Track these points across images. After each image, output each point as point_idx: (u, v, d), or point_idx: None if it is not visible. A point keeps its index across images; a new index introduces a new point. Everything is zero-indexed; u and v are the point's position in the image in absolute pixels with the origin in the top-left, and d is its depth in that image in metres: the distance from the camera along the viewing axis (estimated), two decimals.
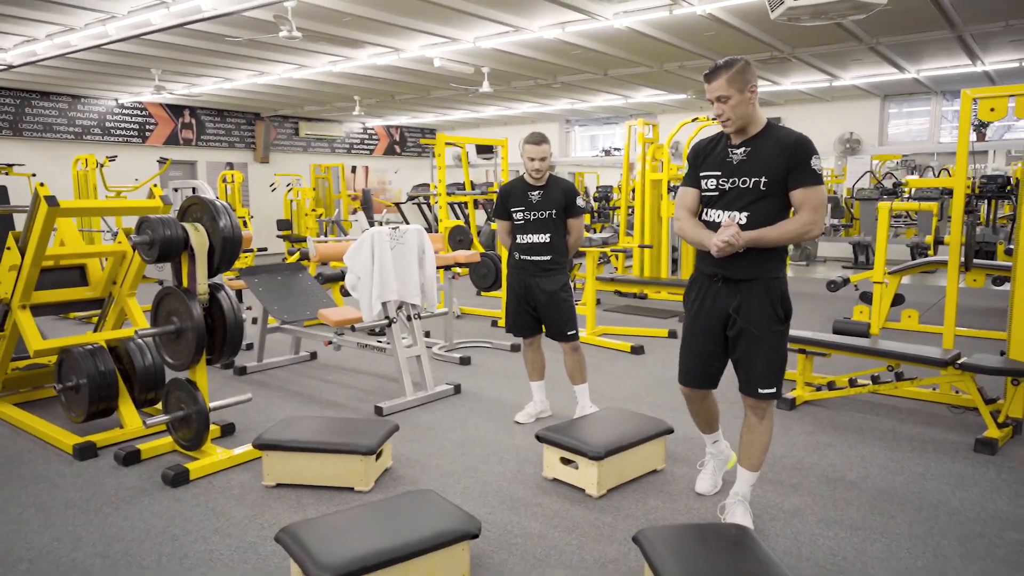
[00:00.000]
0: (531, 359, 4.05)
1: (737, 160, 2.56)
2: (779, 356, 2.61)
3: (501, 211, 3.92)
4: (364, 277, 4.24)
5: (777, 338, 2.59)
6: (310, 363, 5.47)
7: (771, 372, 2.59)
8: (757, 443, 2.70)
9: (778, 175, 2.50)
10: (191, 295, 3.28)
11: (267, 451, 3.15)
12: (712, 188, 2.62)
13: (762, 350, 2.57)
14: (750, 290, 2.56)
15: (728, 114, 2.51)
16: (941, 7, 6.70)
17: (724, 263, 2.57)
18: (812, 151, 2.51)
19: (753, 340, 2.57)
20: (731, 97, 2.48)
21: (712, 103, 2.54)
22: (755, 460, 2.72)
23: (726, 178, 2.58)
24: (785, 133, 2.55)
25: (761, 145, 2.54)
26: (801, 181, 2.48)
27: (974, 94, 4.16)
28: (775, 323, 2.57)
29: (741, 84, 2.47)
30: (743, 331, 2.59)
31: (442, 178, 8.10)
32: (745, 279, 2.56)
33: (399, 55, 8.68)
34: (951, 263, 4.33)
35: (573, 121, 16.61)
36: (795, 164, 2.48)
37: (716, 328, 2.66)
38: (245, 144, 14.63)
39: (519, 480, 3.25)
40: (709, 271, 2.64)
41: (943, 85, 11.72)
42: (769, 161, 2.51)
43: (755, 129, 2.56)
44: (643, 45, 8.26)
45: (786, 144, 2.50)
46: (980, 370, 3.68)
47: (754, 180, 2.52)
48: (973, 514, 2.86)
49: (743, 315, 2.57)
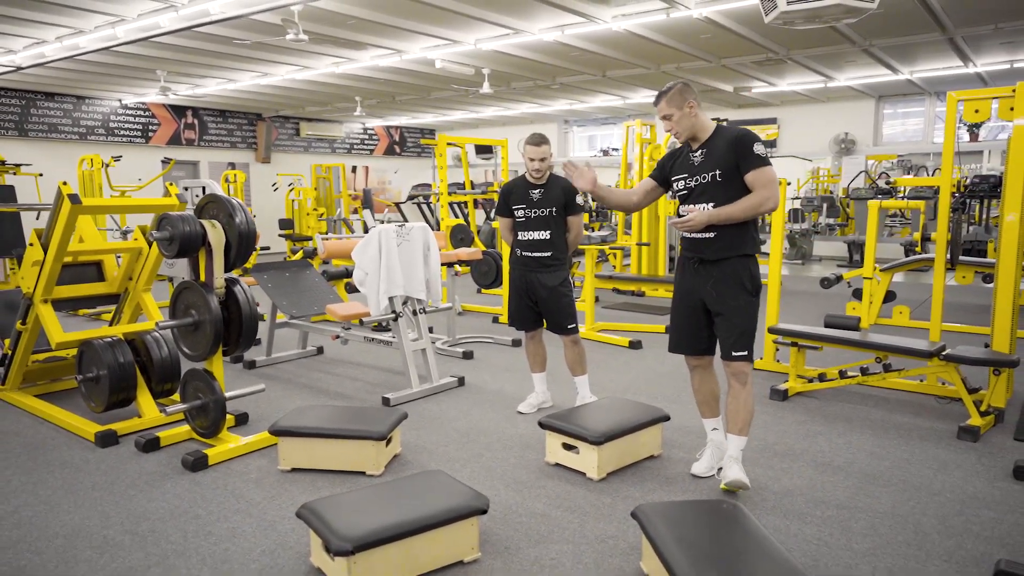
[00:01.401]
0: (532, 351, 4.20)
1: (697, 161, 3.03)
2: (749, 323, 3.00)
3: (503, 209, 4.07)
4: (372, 273, 4.40)
5: (748, 307, 2.99)
6: (317, 357, 5.63)
7: (743, 337, 2.98)
8: (742, 409, 3.03)
9: (730, 166, 2.92)
10: (209, 289, 3.43)
11: (283, 437, 3.30)
12: (682, 188, 3.08)
13: (734, 318, 2.98)
14: (722, 268, 2.98)
15: (675, 128, 3.03)
16: (931, 10, 6.86)
17: (700, 247, 3.01)
18: (753, 139, 2.93)
19: (725, 307, 2.99)
20: (673, 114, 2.99)
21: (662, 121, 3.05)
22: (742, 425, 3.04)
23: (690, 177, 3.04)
24: (729, 131, 3.01)
25: (713, 145, 2.99)
26: (749, 165, 2.89)
27: (959, 96, 4.33)
28: (744, 295, 2.98)
29: (679, 102, 2.98)
30: (718, 303, 3.00)
31: (443, 178, 8.26)
32: (718, 259, 2.98)
33: (401, 56, 8.83)
34: (937, 260, 4.49)
35: (571, 121, 16.77)
36: (741, 153, 2.90)
37: (697, 303, 3.08)
38: (247, 144, 14.78)
39: (522, 465, 3.40)
40: (689, 254, 3.09)
41: (936, 86, 11.90)
42: (720, 156, 2.94)
43: (706, 134, 3.03)
44: (641, 47, 8.43)
45: (731, 139, 2.95)
46: (964, 361, 3.84)
47: (711, 174, 2.96)
48: (953, 495, 3.02)
49: (717, 289, 2.99)
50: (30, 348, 4.24)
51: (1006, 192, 4.01)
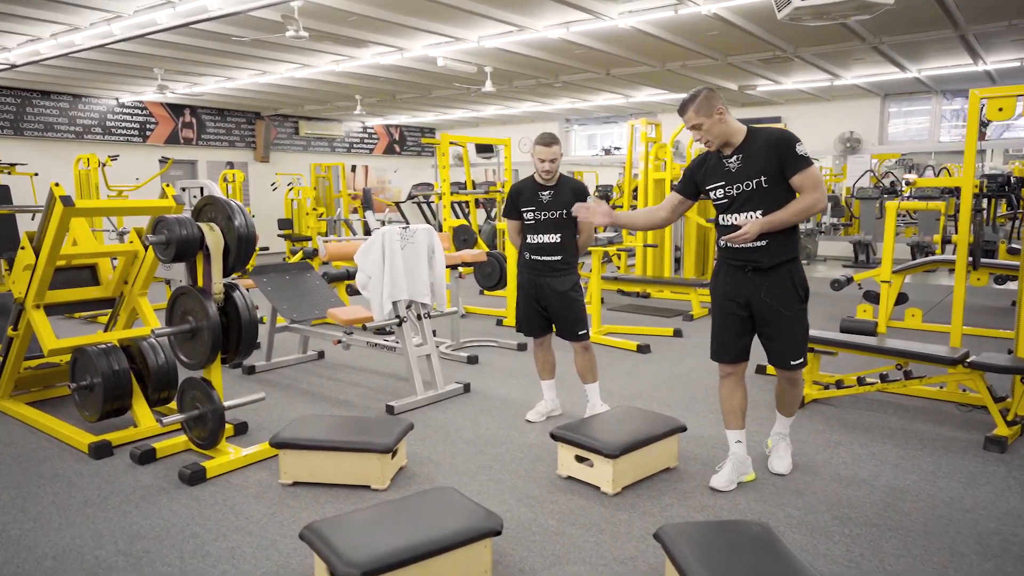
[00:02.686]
0: (541, 358, 4.07)
1: (734, 168, 2.91)
2: (803, 330, 3.02)
3: (511, 210, 3.94)
4: (375, 276, 4.26)
5: (800, 315, 2.99)
6: (318, 362, 5.49)
7: (799, 345, 3.02)
8: (791, 400, 3.21)
9: (773, 170, 2.82)
10: (207, 294, 3.29)
11: (284, 449, 3.16)
12: (721, 197, 2.97)
13: (789, 327, 2.97)
14: (775, 276, 2.93)
15: (706, 136, 2.89)
16: (945, 7, 6.73)
17: (753, 256, 2.92)
18: (795, 139, 2.83)
19: (780, 319, 2.96)
20: (702, 123, 2.86)
21: (691, 131, 2.92)
22: (791, 409, 3.24)
23: (729, 185, 2.93)
24: (766, 132, 2.90)
25: (750, 149, 2.88)
26: (795, 167, 2.80)
27: (982, 94, 4.19)
28: (798, 303, 2.97)
29: (708, 110, 2.84)
30: (771, 311, 2.95)
31: (446, 177, 8.12)
32: (771, 266, 2.92)
33: (402, 54, 8.69)
34: (959, 262, 4.36)
35: (572, 120, 16.62)
36: (785, 156, 2.81)
37: (740, 310, 3.02)
38: (245, 143, 14.63)
39: (533, 478, 3.27)
40: (738, 263, 2.98)
41: (943, 84, 11.76)
42: (762, 161, 2.84)
43: (739, 139, 2.90)
44: (647, 44, 8.29)
45: (771, 141, 2.84)
46: (990, 368, 3.71)
47: (755, 180, 2.85)
48: (986, 511, 2.88)
49: (771, 298, 2.94)
50: (22, 355, 4.09)
51: None
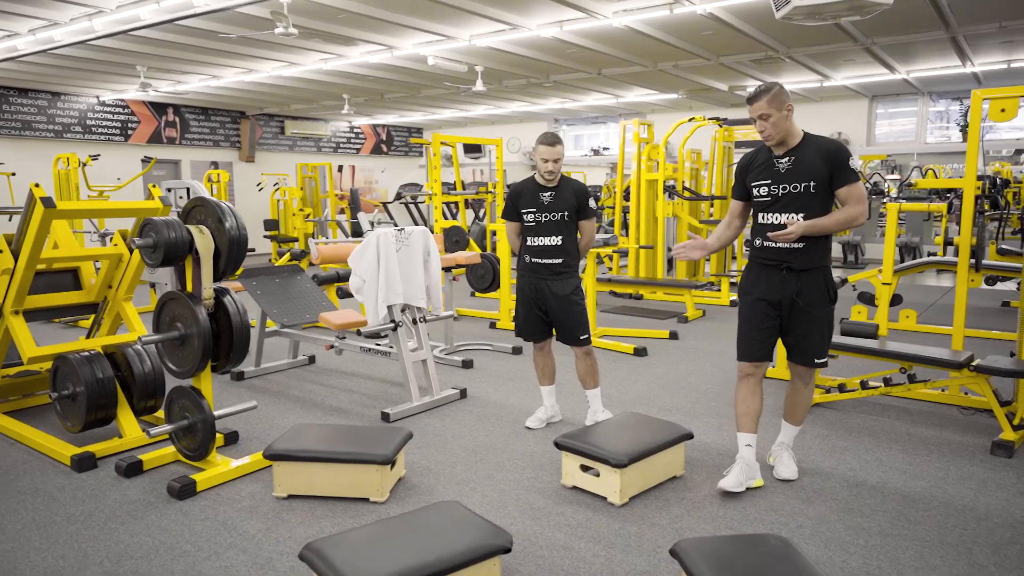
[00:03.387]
0: (541, 363, 3.97)
1: (784, 168, 2.96)
2: (830, 331, 3.11)
3: (510, 212, 3.84)
4: (369, 280, 4.14)
5: (829, 316, 3.07)
6: (309, 367, 5.35)
7: (824, 344, 3.09)
8: (802, 403, 3.21)
9: (823, 178, 2.90)
10: (196, 300, 3.16)
11: (278, 461, 3.04)
12: (765, 195, 3.02)
13: (818, 327, 3.04)
14: (809, 278, 3.00)
15: (770, 130, 2.92)
16: (939, 8, 6.72)
17: (787, 256, 2.98)
18: (849, 154, 2.93)
19: (811, 319, 3.02)
20: (771, 115, 2.89)
21: (755, 121, 2.95)
22: (799, 416, 3.24)
23: (776, 185, 2.98)
24: (822, 141, 2.96)
25: (804, 154, 2.93)
26: (844, 180, 2.91)
27: (984, 95, 4.16)
28: (827, 303, 3.05)
29: (779, 104, 2.89)
30: (802, 312, 3.01)
31: (437, 178, 8.01)
32: (805, 269, 2.99)
33: (392, 53, 8.56)
34: (960, 264, 4.32)
35: (561, 120, 16.56)
36: (837, 167, 2.90)
37: (773, 310, 3.07)
38: (230, 143, 14.41)
39: (537, 488, 3.17)
40: (773, 262, 3.03)
41: (930, 86, 11.82)
42: (814, 167, 2.91)
43: (795, 140, 2.96)
44: (639, 44, 8.22)
45: (827, 151, 2.91)
46: (995, 372, 3.66)
47: (804, 184, 2.92)
48: (1001, 519, 2.82)
49: (803, 298, 3.00)
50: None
51: None
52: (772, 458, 3.32)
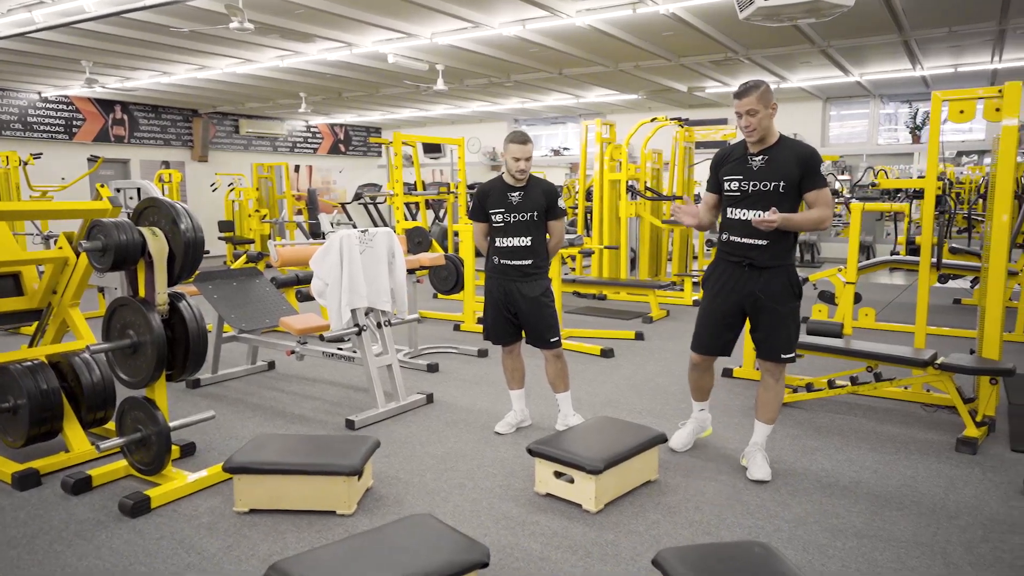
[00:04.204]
0: (511, 367, 3.89)
1: (757, 166, 3.04)
2: (795, 327, 3.16)
3: (478, 213, 3.75)
4: (332, 283, 4.00)
5: (795, 312, 3.13)
6: (268, 373, 5.17)
7: (790, 340, 3.14)
8: (773, 400, 3.24)
9: (793, 180, 2.99)
10: (149, 306, 3.00)
11: (239, 474, 2.89)
12: (735, 190, 3.10)
13: (783, 323, 3.10)
14: (772, 275, 3.07)
15: (755, 126, 2.98)
16: (893, 11, 6.85)
17: (751, 252, 3.07)
18: (820, 160, 3.04)
19: (775, 315, 3.10)
20: (759, 112, 2.95)
21: (741, 116, 3.00)
22: (771, 415, 3.26)
23: (747, 181, 3.06)
24: (798, 144, 3.06)
25: (777, 155, 3.01)
26: (813, 184, 3.00)
27: (944, 96, 4.22)
28: (792, 300, 3.12)
29: (766, 102, 2.97)
30: (766, 308, 3.09)
31: (399, 178, 7.87)
32: (768, 266, 3.07)
33: (351, 50, 8.37)
34: (922, 264, 4.38)
35: (521, 120, 16.50)
36: (809, 171, 2.99)
37: (737, 306, 3.16)
38: (182, 142, 13.97)
39: (510, 496, 3.08)
40: (737, 259, 3.11)
41: (881, 89, 12.11)
42: (786, 168, 2.98)
43: (771, 140, 3.04)
44: (601, 44, 8.20)
45: (800, 155, 3.00)
46: (960, 370, 3.71)
47: (774, 184, 3.00)
48: (972, 518, 2.84)
49: (766, 294, 3.07)
50: None
51: (996, 193, 3.91)
52: (745, 459, 3.32)
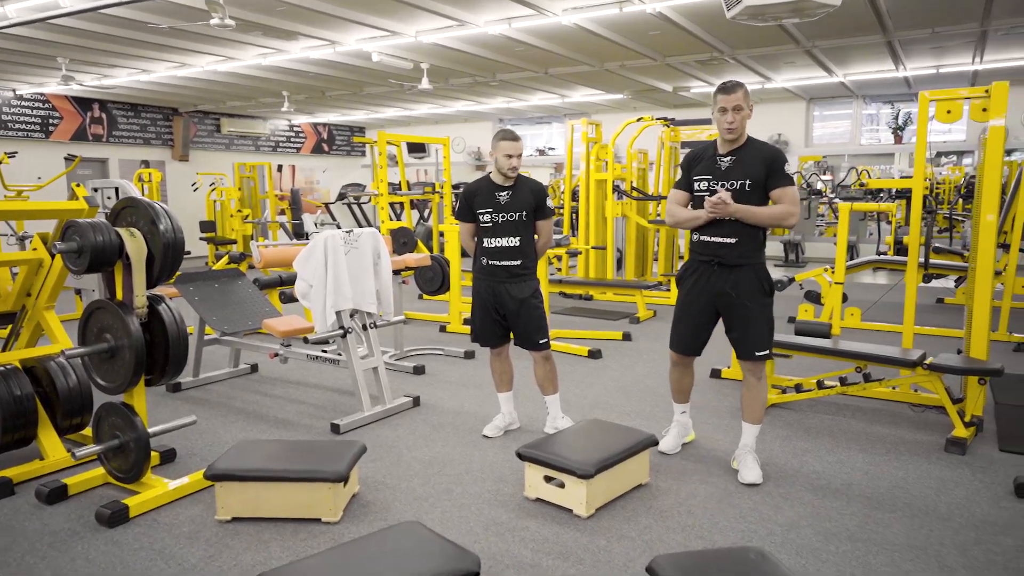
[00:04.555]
0: (499, 369, 3.84)
1: (725, 167, 3.10)
2: (769, 323, 3.16)
3: (465, 212, 3.69)
4: (317, 285, 3.92)
5: (766, 309, 3.15)
6: (251, 376, 5.08)
7: (764, 336, 3.14)
8: (757, 400, 3.23)
9: (759, 178, 3.04)
10: (127, 309, 2.91)
11: (221, 482, 2.81)
12: (704, 189, 3.13)
13: (755, 319, 3.12)
14: (741, 272, 3.10)
15: (737, 123, 3.02)
16: (878, 12, 6.87)
17: (720, 251, 3.10)
18: (785, 160, 3.08)
19: (747, 312, 3.11)
20: (743, 109, 3.01)
21: (726, 112, 3.02)
22: (757, 415, 3.25)
23: (716, 181, 3.10)
24: (763, 146, 3.12)
25: (745, 155, 3.08)
26: (779, 182, 3.05)
27: (932, 96, 4.22)
28: (763, 296, 3.13)
29: (748, 101, 3.03)
30: (738, 306, 3.11)
31: (384, 177, 7.79)
32: (737, 264, 3.10)
33: (335, 48, 8.27)
34: (910, 263, 4.38)
35: (506, 120, 16.44)
36: (774, 170, 3.04)
37: (709, 305, 3.19)
38: (162, 141, 13.77)
39: (499, 501, 3.03)
40: (707, 258, 3.14)
41: (864, 89, 12.19)
42: (753, 167, 3.04)
43: (741, 142, 3.10)
44: (588, 43, 8.17)
45: (766, 155, 3.07)
46: (949, 370, 3.71)
47: (740, 182, 3.05)
48: (963, 520, 2.83)
49: (737, 292, 3.10)
50: None
51: (983, 193, 3.91)
52: (735, 462, 3.30)
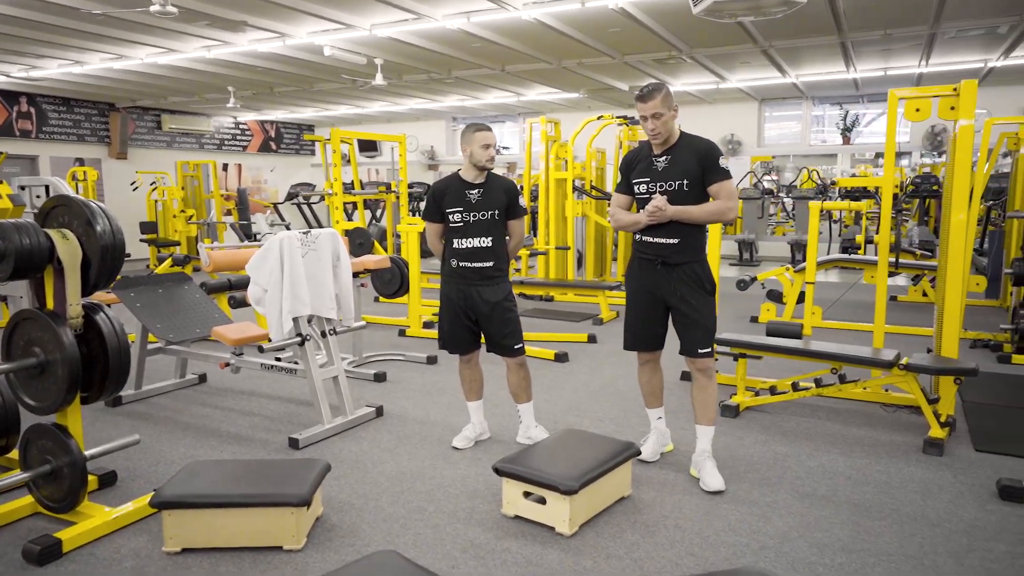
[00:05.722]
0: (468, 377, 3.64)
1: (661, 167, 3.07)
2: (710, 322, 3.13)
3: (433, 212, 3.49)
4: (272, 289, 3.65)
5: (707, 307, 3.13)
6: (199, 388, 4.75)
7: (706, 335, 3.12)
8: (708, 400, 3.18)
9: (696, 175, 3.01)
10: (59, 320, 2.61)
11: (169, 510, 2.54)
12: (644, 192, 3.11)
13: (696, 318, 3.10)
14: (683, 271, 3.09)
15: (659, 128, 3.00)
16: (836, 12, 6.91)
17: (664, 251, 3.08)
18: (719, 153, 3.05)
19: (689, 309, 3.09)
20: (663, 114, 2.97)
21: (646, 120, 2.99)
22: (710, 415, 3.20)
23: (654, 183, 3.08)
24: (696, 141, 3.08)
25: (679, 153, 3.05)
26: (715, 177, 3.01)
27: (901, 94, 4.19)
28: (704, 295, 3.12)
29: (668, 104, 2.98)
30: (680, 303, 3.10)
31: (338, 176, 7.49)
32: (679, 263, 3.08)
33: (285, 41, 7.91)
34: (880, 261, 4.36)
35: (459, 119, 16.22)
36: (708, 165, 3.01)
37: (655, 302, 3.17)
38: (98, 138, 13.09)
39: (475, 520, 2.84)
40: (650, 257, 3.13)
41: (814, 90, 12.38)
42: (688, 165, 3.01)
43: (673, 140, 3.07)
44: (547, 39, 8.02)
45: (699, 150, 3.03)
46: (925, 370, 3.67)
47: (678, 182, 3.02)
48: (953, 525, 2.76)
49: (679, 291, 3.09)
50: None
51: (953, 192, 3.89)
52: (694, 470, 3.20)
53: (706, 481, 3.08)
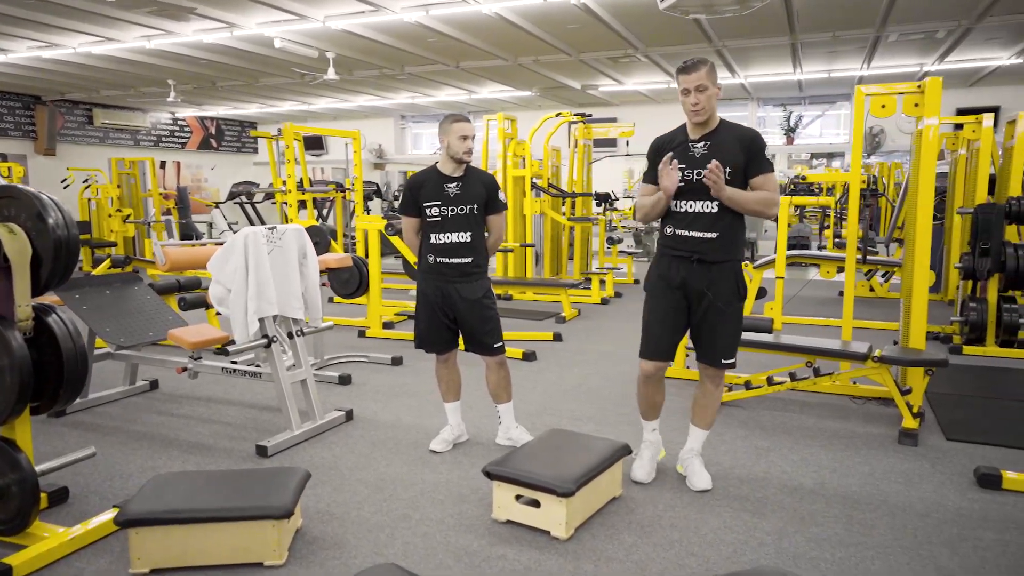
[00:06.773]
0: (446, 377, 3.51)
1: (700, 153, 2.77)
2: (738, 330, 2.95)
3: (409, 206, 3.35)
4: (236, 289, 3.44)
5: (738, 314, 2.91)
6: (151, 395, 4.46)
7: (732, 344, 2.94)
8: (712, 406, 3.05)
9: (739, 165, 2.75)
10: (7, 323, 2.37)
11: (136, 527, 2.33)
12: (679, 180, 2.78)
13: (726, 324, 2.88)
14: (721, 271, 2.83)
15: (703, 104, 2.70)
16: (790, 13, 7.03)
17: (700, 246, 2.80)
18: (764, 143, 2.81)
19: (720, 315, 2.85)
20: (708, 88, 2.69)
21: (689, 93, 2.70)
22: (709, 420, 3.07)
23: (690, 170, 2.78)
24: (739, 128, 2.83)
25: (720, 139, 2.77)
26: (760, 168, 2.77)
27: (867, 91, 4.26)
28: (736, 300, 2.88)
29: (714, 78, 2.72)
30: (711, 307, 2.84)
31: (291, 173, 7.23)
32: (717, 261, 2.81)
33: (232, 32, 7.58)
34: (848, 256, 4.42)
35: (408, 117, 15.98)
36: (754, 154, 2.76)
37: (682, 304, 2.90)
38: (23, 133, 12.34)
39: (466, 526, 2.71)
40: (684, 253, 2.83)
41: (760, 91, 12.65)
42: (731, 153, 2.74)
43: (713, 124, 2.79)
44: (505, 35, 7.92)
45: (744, 138, 2.78)
46: (898, 362, 3.73)
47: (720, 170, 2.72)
48: (940, 515, 2.78)
49: (714, 292, 2.83)
50: None
51: (918, 190, 3.97)
52: (681, 467, 3.13)
53: (693, 481, 3.02)
